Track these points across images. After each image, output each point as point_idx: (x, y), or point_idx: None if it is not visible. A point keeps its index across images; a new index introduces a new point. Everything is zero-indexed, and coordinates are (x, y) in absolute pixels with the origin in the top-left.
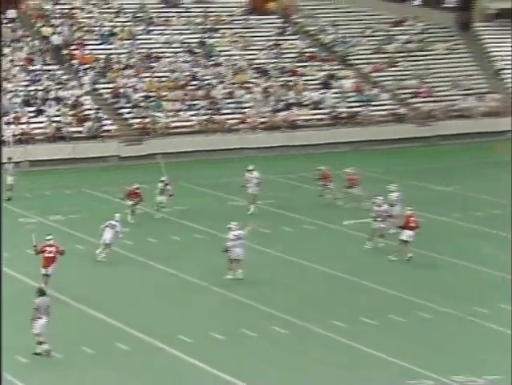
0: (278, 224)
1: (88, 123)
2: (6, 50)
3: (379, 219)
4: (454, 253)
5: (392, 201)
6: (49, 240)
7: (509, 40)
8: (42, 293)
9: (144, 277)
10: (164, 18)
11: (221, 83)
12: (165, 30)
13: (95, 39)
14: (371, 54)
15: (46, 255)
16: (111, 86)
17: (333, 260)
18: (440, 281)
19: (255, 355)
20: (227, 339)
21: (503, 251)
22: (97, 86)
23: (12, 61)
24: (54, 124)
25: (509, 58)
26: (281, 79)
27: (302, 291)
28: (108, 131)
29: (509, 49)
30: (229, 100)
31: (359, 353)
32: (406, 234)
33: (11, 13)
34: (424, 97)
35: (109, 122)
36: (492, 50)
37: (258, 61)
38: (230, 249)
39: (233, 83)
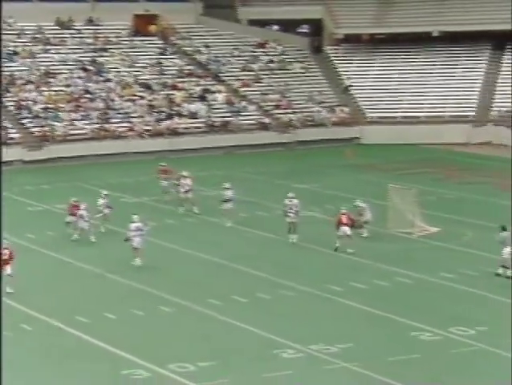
0: (163, 217)
1: None
2: None
3: (291, 214)
4: (312, 239)
5: (229, 197)
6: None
7: (355, 61)
8: None
9: (45, 266)
10: (59, 39)
11: (111, 96)
12: (61, 49)
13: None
14: (239, 71)
15: (3, 257)
16: (14, 99)
17: (211, 248)
18: (300, 263)
19: (143, 331)
20: (119, 318)
21: (355, 238)
22: (2, 99)
23: None
24: None
25: (355, 76)
26: (163, 92)
27: (184, 275)
28: (13, 138)
29: (355, 68)
30: (118, 111)
31: (231, 326)
32: (341, 230)
33: None
34: (285, 109)
35: (13, 130)
36: (340, 69)
37: (142, 77)
38: (131, 238)
39: (122, 96)
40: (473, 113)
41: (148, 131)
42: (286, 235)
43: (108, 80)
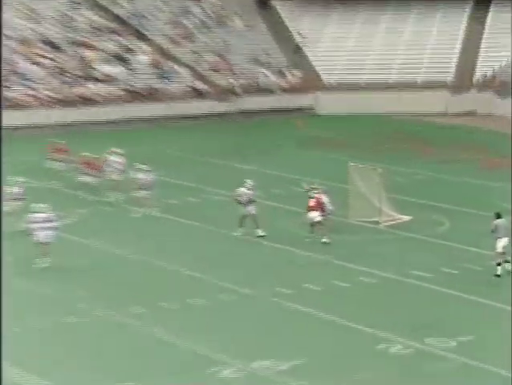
0: (74, 205)
1: None
2: None
3: (248, 204)
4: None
5: (147, 182)
6: None
7: (308, 16)
8: None
9: None
10: None
11: (10, 57)
12: None
13: None
14: (167, 27)
15: None
16: None
17: (133, 243)
18: (242, 260)
19: (47, 347)
20: (17, 333)
21: (304, 229)
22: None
23: None
24: None
25: (309, 34)
26: (74, 52)
27: (99, 277)
28: None
29: (308, 25)
30: (19, 75)
31: (157, 340)
32: (308, 217)
33: None
34: (224, 72)
35: None
36: (290, 26)
37: (48, 34)
38: (33, 232)
39: (24, 57)
40: (452, 78)
41: (55, 99)
42: (236, 229)
43: (7, 37)
